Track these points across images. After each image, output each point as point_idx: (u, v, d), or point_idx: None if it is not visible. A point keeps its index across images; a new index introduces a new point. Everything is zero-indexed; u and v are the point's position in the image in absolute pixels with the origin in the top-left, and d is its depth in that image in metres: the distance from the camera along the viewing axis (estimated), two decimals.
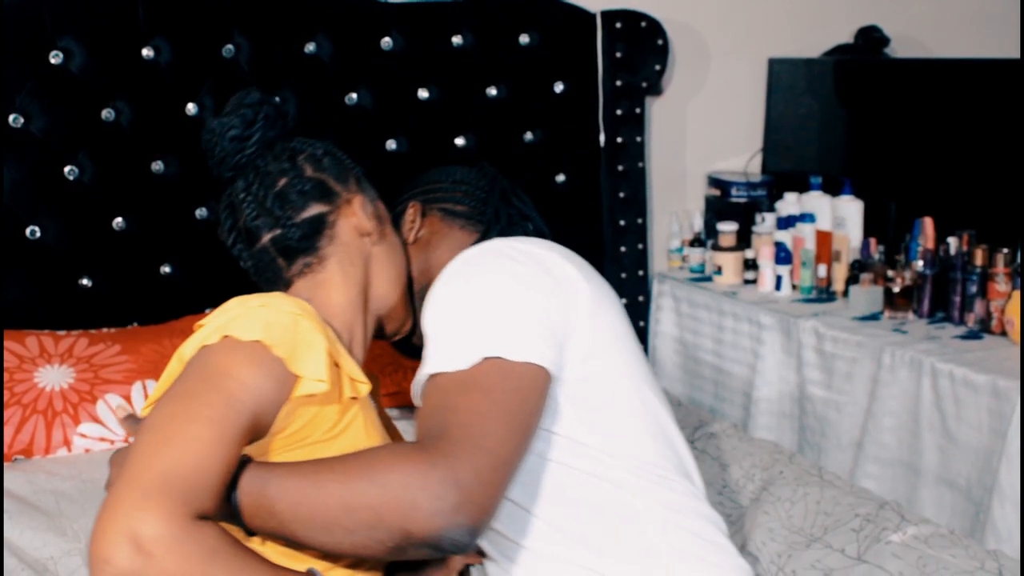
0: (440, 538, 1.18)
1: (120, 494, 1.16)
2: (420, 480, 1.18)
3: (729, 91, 3.60)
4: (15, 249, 2.68)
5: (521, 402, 1.29)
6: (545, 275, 1.44)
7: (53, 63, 2.66)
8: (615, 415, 1.44)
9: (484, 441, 1.22)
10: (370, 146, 3.01)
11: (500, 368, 1.30)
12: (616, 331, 1.49)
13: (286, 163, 1.60)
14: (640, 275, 3.44)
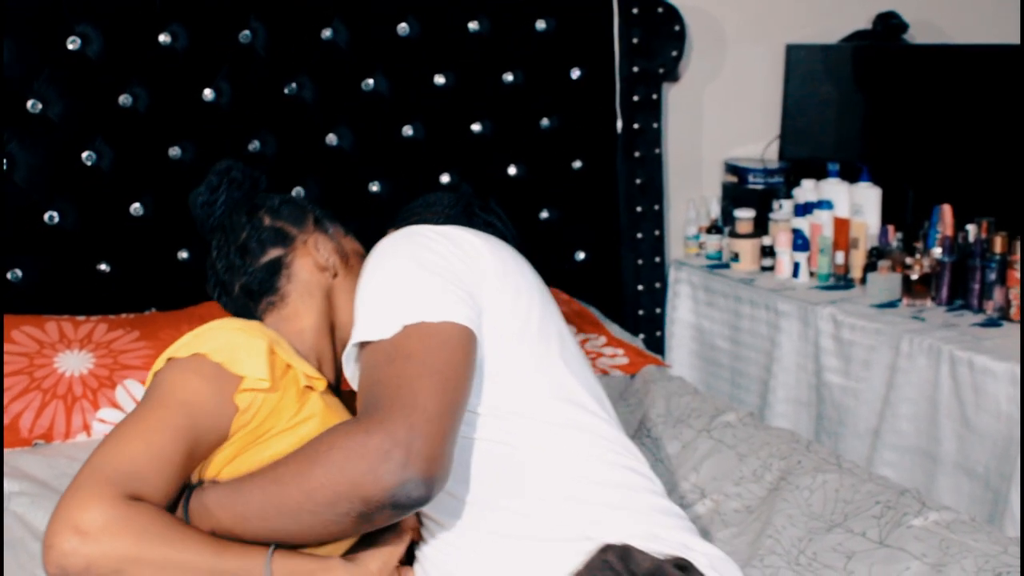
0: (395, 496, 1.24)
1: (66, 492, 1.31)
2: (361, 450, 1.25)
3: (746, 77, 3.59)
4: (33, 234, 2.69)
5: (447, 358, 1.35)
6: (456, 248, 1.50)
7: (70, 49, 2.66)
8: (504, 380, 1.48)
9: (414, 400, 1.29)
10: (387, 132, 3.01)
11: (420, 332, 1.37)
12: (520, 305, 1.53)
13: (245, 218, 1.76)
14: (657, 262, 3.43)
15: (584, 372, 1.58)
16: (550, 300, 1.63)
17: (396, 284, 1.44)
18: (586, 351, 2.78)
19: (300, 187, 2.93)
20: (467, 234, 1.55)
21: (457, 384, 1.34)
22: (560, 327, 1.59)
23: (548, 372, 1.51)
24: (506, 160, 3.16)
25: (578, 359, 1.59)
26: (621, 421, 2.38)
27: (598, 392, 1.59)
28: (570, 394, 1.51)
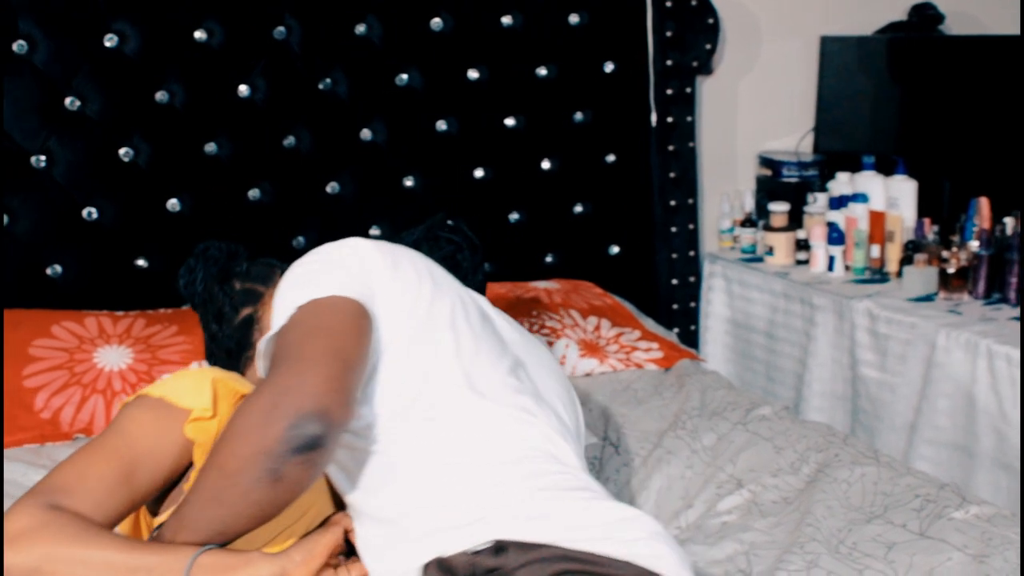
0: (290, 438, 1.26)
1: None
2: (252, 408, 1.30)
3: (780, 70, 3.57)
4: (72, 229, 2.72)
5: (333, 317, 1.40)
6: (353, 255, 1.54)
7: (108, 46, 2.68)
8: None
9: (300, 354, 1.34)
10: (420, 126, 3.02)
11: (309, 306, 1.42)
12: (406, 300, 1.54)
13: (218, 288, 1.87)
14: (691, 255, 3.43)
15: (495, 364, 1.57)
16: (466, 302, 1.62)
17: (294, 284, 1.50)
18: (620, 345, 2.78)
19: (335, 182, 2.94)
20: (371, 248, 1.58)
21: (344, 335, 1.38)
22: (464, 320, 1.57)
23: (430, 367, 1.51)
24: (539, 154, 3.16)
25: (490, 353, 1.57)
26: (656, 415, 2.40)
27: (522, 386, 1.57)
28: (450, 389, 1.50)
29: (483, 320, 1.62)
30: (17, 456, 2.20)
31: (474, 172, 3.09)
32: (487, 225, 3.13)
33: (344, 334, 1.38)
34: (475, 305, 1.64)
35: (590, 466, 2.20)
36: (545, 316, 2.82)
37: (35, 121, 2.65)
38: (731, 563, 1.80)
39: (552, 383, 1.67)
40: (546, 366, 1.71)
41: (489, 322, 1.64)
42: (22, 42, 2.61)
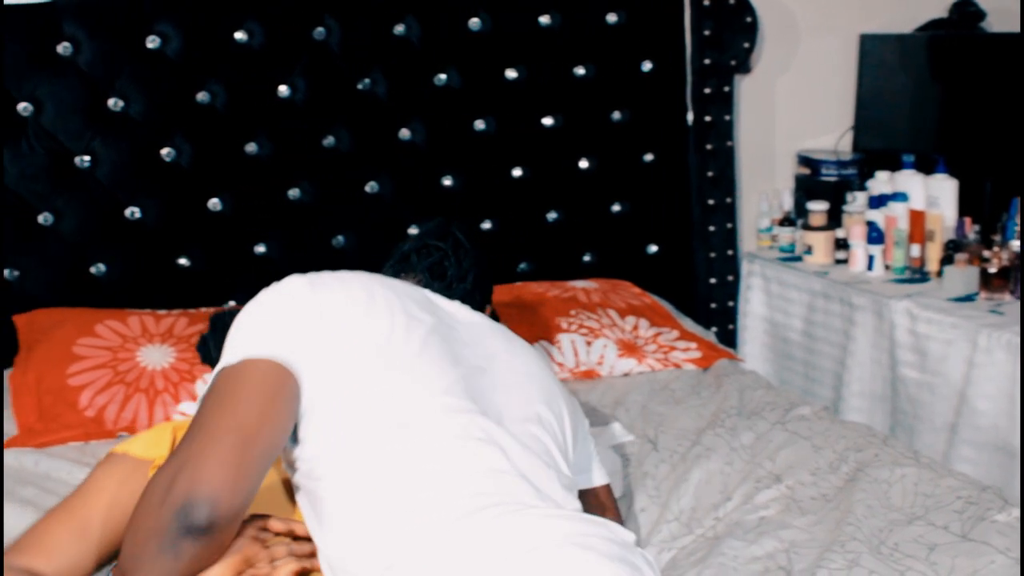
0: (179, 523, 1.30)
1: None
2: (155, 492, 1.33)
3: (819, 68, 3.55)
4: (116, 229, 2.76)
5: (238, 390, 1.40)
6: (281, 305, 1.52)
7: (150, 47, 2.71)
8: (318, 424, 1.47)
9: (201, 432, 1.36)
10: (458, 126, 3.03)
11: (222, 374, 1.44)
12: (366, 343, 1.51)
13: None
14: (729, 255, 3.42)
15: (439, 382, 1.52)
16: (410, 321, 1.57)
17: (227, 343, 1.49)
18: (658, 345, 2.78)
19: (374, 182, 2.96)
20: (303, 287, 1.55)
21: (249, 408, 1.38)
22: (400, 343, 1.53)
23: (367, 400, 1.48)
24: (577, 153, 3.16)
25: (432, 375, 1.52)
26: (694, 414, 2.40)
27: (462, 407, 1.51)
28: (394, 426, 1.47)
29: (428, 338, 1.55)
30: (62, 454, 2.23)
31: (512, 171, 3.10)
32: (525, 224, 3.15)
33: (249, 406, 1.38)
34: (424, 322, 1.57)
35: (626, 463, 2.20)
36: (583, 316, 2.82)
37: (79, 122, 2.69)
38: (771, 560, 1.79)
39: (518, 398, 1.59)
40: (518, 378, 1.63)
41: (438, 338, 1.57)
42: (67, 44, 2.64)
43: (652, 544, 1.95)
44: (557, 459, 1.56)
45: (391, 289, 1.61)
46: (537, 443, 1.54)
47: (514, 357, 1.68)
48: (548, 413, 1.61)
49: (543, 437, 1.56)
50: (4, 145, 2.64)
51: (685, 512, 2.03)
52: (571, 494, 1.54)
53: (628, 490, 2.11)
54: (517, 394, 1.60)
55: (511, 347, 1.70)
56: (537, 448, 1.53)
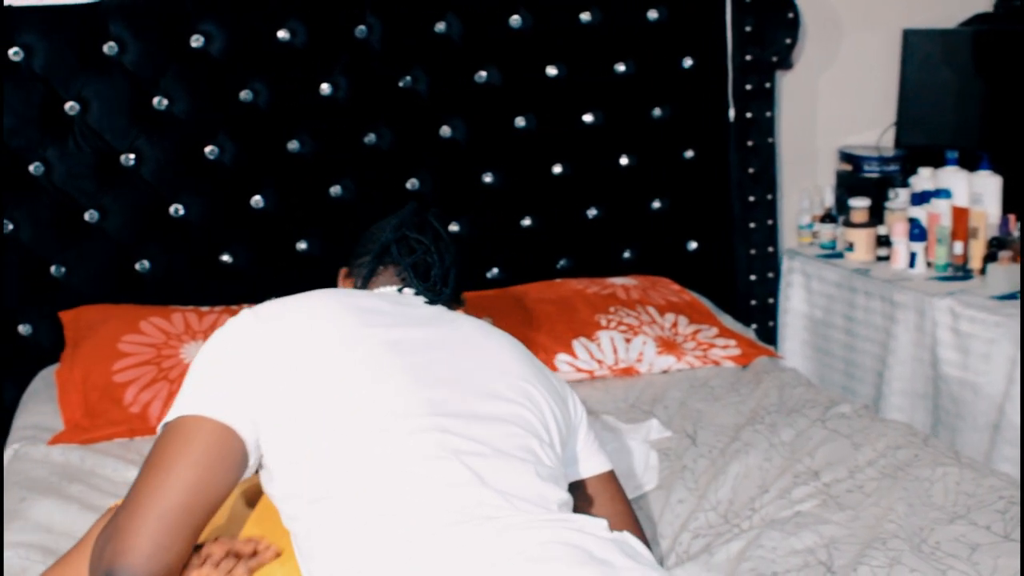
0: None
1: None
2: (94, 552, 1.39)
3: (861, 64, 3.53)
4: (159, 226, 2.79)
5: (173, 452, 1.40)
6: (230, 351, 1.49)
7: (194, 47, 2.74)
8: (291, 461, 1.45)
9: (135, 494, 1.38)
10: (499, 123, 3.04)
11: (164, 432, 1.43)
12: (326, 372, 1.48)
13: None
14: (770, 251, 3.41)
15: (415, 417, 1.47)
16: (366, 334, 1.54)
17: (183, 384, 1.49)
18: (697, 342, 2.78)
19: (415, 179, 2.98)
20: (251, 329, 1.51)
21: (182, 472, 1.38)
22: (358, 366, 1.50)
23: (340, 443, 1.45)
24: (618, 150, 3.16)
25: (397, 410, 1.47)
26: (733, 411, 2.40)
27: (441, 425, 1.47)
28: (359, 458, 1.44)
29: (382, 355, 1.51)
30: (108, 450, 2.27)
31: (552, 168, 3.11)
32: (565, 221, 3.15)
33: (182, 474, 1.38)
34: (378, 336, 1.53)
35: (664, 457, 2.20)
36: (622, 313, 2.82)
37: (125, 121, 2.72)
38: (811, 555, 1.79)
39: (489, 397, 1.54)
40: (488, 375, 1.58)
41: (395, 351, 1.52)
42: (112, 44, 2.68)
43: (688, 530, 1.96)
44: (537, 450, 1.52)
45: (342, 306, 1.56)
46: (509, 440, 1.50)
47: (486, 352, 1.62)
48: (524, 408, 1.56)
49: (517, 433, 1.51)
50: (52, 144, 2.68)
51: (722, 503, 2.03)
52: (554, 485, 1.50)
53: (665, 483, 2.12)
54: (488, 393, 1.55)
55: (484, 342, 1.64)
56: (508, 445, 1.49)
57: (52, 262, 2.74)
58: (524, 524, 1.37)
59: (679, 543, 1.93)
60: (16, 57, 2.62)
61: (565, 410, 1.67)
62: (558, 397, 1.66)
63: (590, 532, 1.40)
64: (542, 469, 1.50)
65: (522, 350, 1.70)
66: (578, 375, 2.66)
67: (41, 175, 2.69)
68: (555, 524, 1.39)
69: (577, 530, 1.39)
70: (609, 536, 1.42)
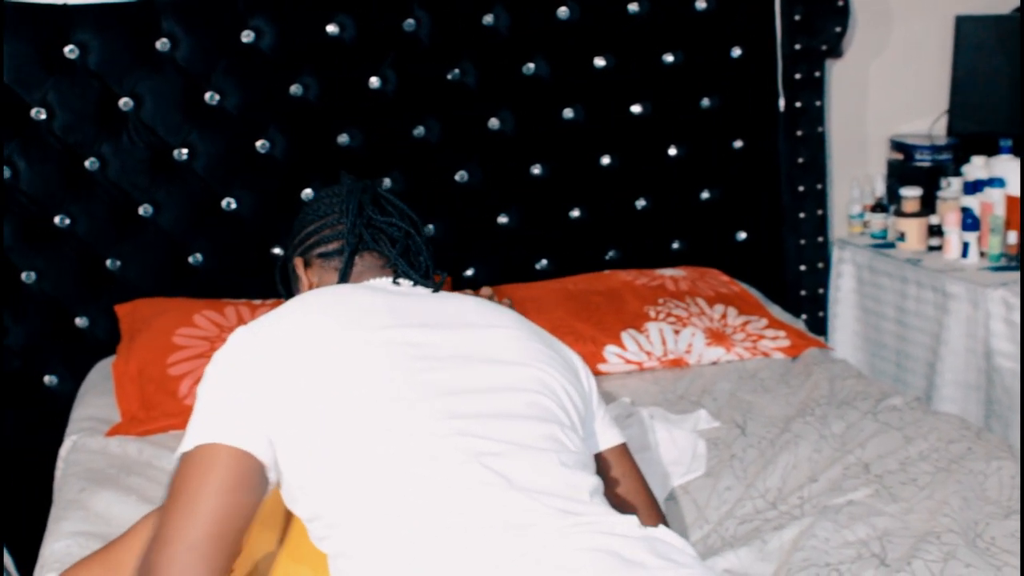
0: None
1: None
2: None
3: (913, 51, 3.49)
4: (212, 220, 2.83)
5: (194, 483, 1.37)
6: (235, 376, 1.44)
7: (245, 42, 2.77)
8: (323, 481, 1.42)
9: (162, 527, 1.36)
10: (547, 115, 3.04)
11: (182, 464, 1.40)
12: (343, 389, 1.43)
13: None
14: (819, 241, 3.39)
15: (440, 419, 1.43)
16: (377, 336, 1.49)
17: (194, 409, 1.45)
18: (746, 333, 2.77)
19: (463, 171, 2.99)
20: (249, 353, 1.46)
21: (200, 510, 1.36)
22: (372, 371, 1.45)
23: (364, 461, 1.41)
24: (666, 141, 3.16)
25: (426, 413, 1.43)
26: (783, 403, 2.39)
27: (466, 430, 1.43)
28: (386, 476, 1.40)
29: (389, 355, 1.47)
30: (164, 442, 2.30)
31: (601, 159, 3.11)
32: (613, 212, 3.15)
33: (207, 505, 1.36)
34: (382, 335, 1.49)
35: (712, 447, 2.20)
36: (671, 304, 2.82)
37: (177, 116, 2.76)
38: (864, 547, 1.78)
39: (503, 387, 1.51)
40: (500, 361, 1.55)
41: (402, 348, 1.49)
42: (165, 40, 2.71)
43: (734, 517, 1.96)
44: (560, 437, 1.48)
45: (342, 308, 1.52)
46: (530, 433, 1.46)
47: (495, 343, 1.57)
48: (541, 395, 1.52)
49: (538, 424, 1.48)
50: (107, 140, 2.72)
51: (771, 491, 2.03)
52: (582, 471, 1.46)
53: (713, 470, 2.12)
54: (503, 387, 1.51)
55: (491, 331, 1.59)
56: (531, 438, 1.45)
57: (107, 256, 2.78)
58: (550, 530, 1.33)
59: (724, 528, 1.93)
60: (72, 55, 2.66)
61: (579, 385, 1.62)
62: (570, 373, 1.61)
63: (619, 533, 1.36)
64: (568, 456, 1.46)
65: (529, 328, 1.64)
66: (627, 367, 2.66)
67: (96, 170, 2.73)
68: (582, 528, 1.35)
69: (605, 532, 1.35)
70: (639, 535, 1.37)
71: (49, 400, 2.78)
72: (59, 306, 2.77)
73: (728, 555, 1.80)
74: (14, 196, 2.69)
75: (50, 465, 2.39)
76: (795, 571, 1.72)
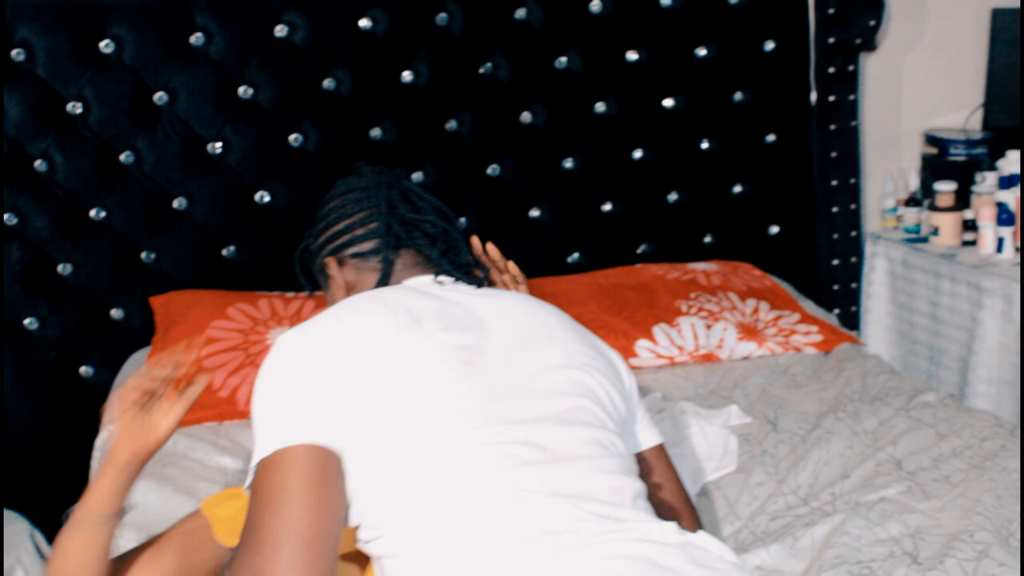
0: None
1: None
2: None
3: (948, 44, 3.47)
4: (245, 213, 2.84)
5: (281, 486, 1.33)
6: (300, 374, 1.42)
7: (278, 36, 2.78)
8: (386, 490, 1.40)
9: (257, 537, 1.31)
10: (579, 109, 3.04)
11: (262, 471, 1.36)
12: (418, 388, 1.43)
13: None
14: (852, 236, 3.37)
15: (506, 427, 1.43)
16: (443, 340, 1.48)
17: (255, 426, 1.41)
18: (779, 328, 2.76)
19: (496, 164, 2.99)
20: (313, 350, 1.44)
21: (297, 504, 1.32)
22: (437, 374, 1.44)
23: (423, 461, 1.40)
24: (699, 134, 3.15)
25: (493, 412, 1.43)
26: (815, 398, 2.39)
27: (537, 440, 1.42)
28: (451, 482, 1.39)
29: (445, 360, 1.46)
30: (198, 434, 2.32)
31: (633, 153, 3.11)
32: (645, 206, 3.15)
33: (300, 502, 1.32)
34: (437, 339, 1.48)
35: (743, 443, 2.20)
36: (703, 298, 2.82)
37: (211, 110, 2.78)
38: (897, 544, 1.78)
39: (554, 394, 1.50)
40: (550, 363, 1.54)
41: (459, 354, 1.47)
42: (199, 35, 2.73)
43: (765, 512, 1.96)
44: (603, 442, 1.48)
45: (391, 312, 1.49)
46: (574, 438, 1.45)
47: (539, 346, 1.56)
48: (584, 399, 1.51)
49: (582, 429, 1.47)
50: (142, 133, 2.74)
51: (803, 487, 2.03)
52: (625, 476, 1.46)
53: (744, 466, 2.12)
54: (547, 392, 1.50)
55: (532, 322, 1.59)
56: (574, 443, 1.45)
57: (142, 248, 2.81)
58: (589, 539, 1.33)
59: (756, 524, 1.93)
60: (107, 49, 2.68)
61: (620, 386, 1.61)
62: (613, 374, 1.61)
63: (656, 540, 1.35)
64: (611, 462, 1.46)
65: (573, 327, 1.63)
66: (658, 361, 2.66)
67: (132, 164, 2.75)
68: (620, 535, 1.34)
69: (642, 539, 1.35)
70: (677, 541, 1.37)
71: (85, 391, 2.81)
72: (95, 298, 2.80)
73: (759, 552, 1.80)
74: (51, 190, 2.71)
75: (86, 455, 2.41)
76: (826, 568, 1.72)
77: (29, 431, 2.79)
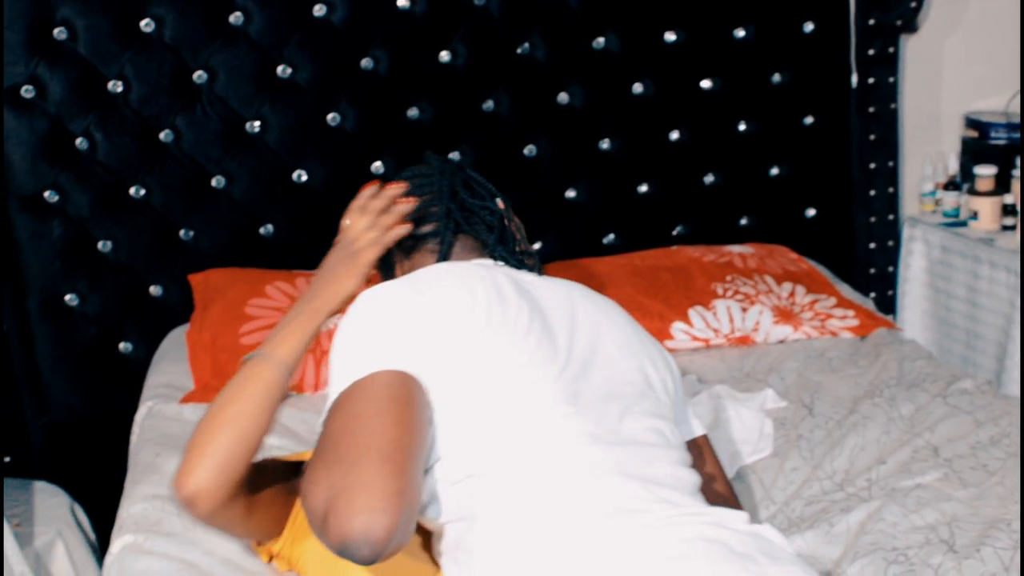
0: (343, 553, 1.22)
1: None
2: (314, 524, 1.25)
3: (991, 26, 3.43)
4: (283, 191, 2.86)
5: (370, 405, 1.31)
6: (395, 307, 1.45)
7: (317, 15, 2.79)
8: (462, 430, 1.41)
9: (340, 456, 1.26)
10: (616, 90, 3.03)
11: (350, 392, 1.34)
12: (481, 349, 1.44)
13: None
14: (890, 219, 3.35)
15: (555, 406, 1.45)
16: (520, 312, 1.50)
17: (336, 359, 1.41)
18: (815, 312, 2.75)
19: (532, 144, 2.99)
20: (404, 299, 1.47)
21: (386, 425, 1.29)
22: (516, 340, 1.47)
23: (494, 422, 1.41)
24: (736, 116, 3.13)
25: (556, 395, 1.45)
26: (851, 383, 2.38)
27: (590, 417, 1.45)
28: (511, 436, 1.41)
29: (530, 334, 1.49)
30: None
31: (670, 134, 3.10)
32: (682, 188, 3.14)
33: (384, 418, 1.30)
34: (524, 315, 1.50)
35: (779, 427, 2.20)
36: (739, 281, 2.81)
37: (250, 89, 2.79)
38: (933, 532, 1.78)
39: (620, 384, 1.53)
40: (615, 353, 1.57)
41: (539, 332, 1.50)
42: (239, 14, 2.74)
43: (801, 497, 1.96)
44: (665, 432, 1.52)
45: (483, 283, 1.52)
46: (640, 424, 1.49)
47: (599, 328, 1.59)
48: (648, 388, 1.55)
49: (646, 418, 1.51)
50: (181, 112, 2.76)
51: (838, 473, 2.03)
52: (684, 467, 1.49)
53: (780, 451, 2.12)
54: (617, 379, 1.53)
55: (596, 313, 1.61)
56: (640, 429, 1.48)
57: (181, 226, 2.83)
58: (665, 520, 1.35)
59: (791, 509, 1.94)
60: (148, 28, 2.70)
61: (672, 376, 1.65)
62: (664, 364, 1.64)
63: (729, 526, 1.38)
64: (672, 452, 1.49)
65: (628, 319, 1.67)
66: (693, 343, 2.66)
67: (171, 142, 2.77)
68: (695, 519, 1.37)
69: (716, 524, 1.37)
70: (748, 530, 1.39)
71: (124, 367, 2.84)
72: (134, 275, 2.83)
73: (794, 537, 1.80)
74: (92, 167, 2.74)
75: (126, 430, 2.44)
76: (862, 555, 1.72)
77: (69, 406, 2.83)
